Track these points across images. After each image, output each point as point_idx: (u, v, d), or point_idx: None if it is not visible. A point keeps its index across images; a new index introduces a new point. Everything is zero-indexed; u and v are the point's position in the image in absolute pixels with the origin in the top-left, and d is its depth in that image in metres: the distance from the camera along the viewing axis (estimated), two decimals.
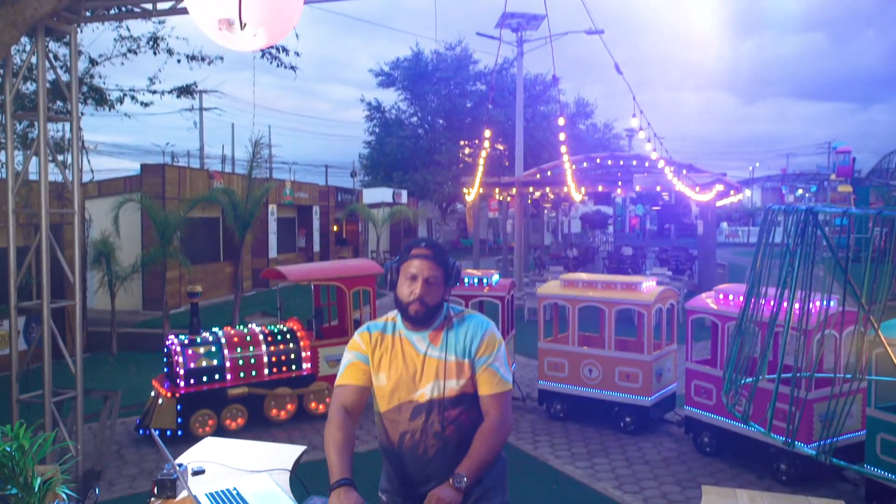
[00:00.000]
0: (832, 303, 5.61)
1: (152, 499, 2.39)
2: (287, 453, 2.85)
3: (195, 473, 2.59)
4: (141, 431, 7.64)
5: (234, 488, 2.42)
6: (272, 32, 2.09)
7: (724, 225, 44.59)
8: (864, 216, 1.12)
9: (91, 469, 5.20)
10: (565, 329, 8.27)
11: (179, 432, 7.53)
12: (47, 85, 5.81)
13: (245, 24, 1.92)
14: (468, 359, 2.33)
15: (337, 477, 2.18)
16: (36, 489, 2.32)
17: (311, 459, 6.95)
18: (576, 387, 8.07)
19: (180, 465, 2.53)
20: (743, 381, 1.48)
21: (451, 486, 2.08)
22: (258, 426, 8.00)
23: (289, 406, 8.17)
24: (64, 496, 2.46)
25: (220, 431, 7.76)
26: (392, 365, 2.36)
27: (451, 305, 2.46)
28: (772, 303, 1.43)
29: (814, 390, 5.92)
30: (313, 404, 8.30)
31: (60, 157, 9.11)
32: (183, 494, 2.34)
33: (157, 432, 2.52)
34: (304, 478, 2.75)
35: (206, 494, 2.36)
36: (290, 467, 2.68)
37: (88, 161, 6.81)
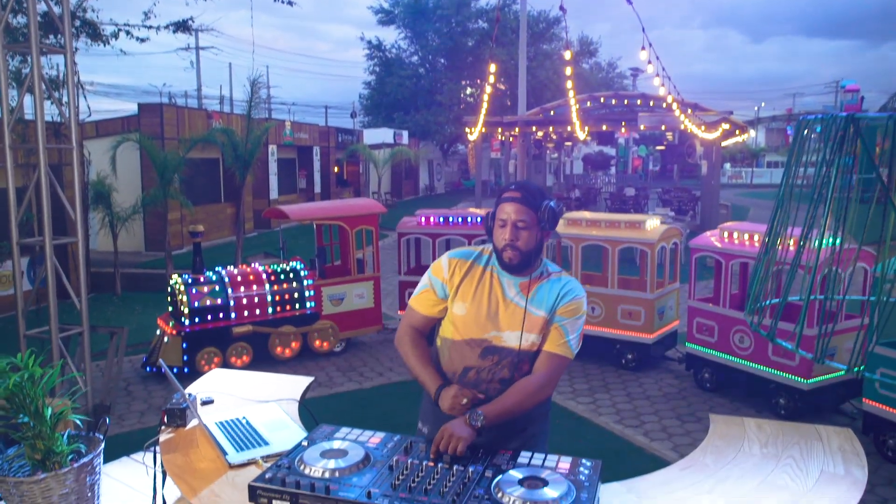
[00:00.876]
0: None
1: (162, 427, 2.40)
2: (295, 384, 2.86)
3: (204, 403, 2.60)
4: (147, 369, 7.73)
5: (244, 417, 2.43)
6: None
7: (728, 166, 44.23)
8: None
9: (100, 403, 5.27)
10: (568, 268, 8.27)
11: (186, 370, 7.62)
12: (38, 18, 5.66)
13: None
14: (551, 315, 2.28)
15: (436, 385, 2.23)
16: (48, 417, 2.33)
17: (317, 395, 7.06)
18: None
19: (189, 395, 2.54)
20: (768, 303, 1.45)
21: (467, 423, 2.05)
22: (263, 364, 8.08)
23: (293, 344, 8.24)
24: (77, 422, 2.48)
25: (226, 369, 7.85)
26: (475, 298, 2.29)
27: (549, 263, 2.37)
28: (801, 230, 1.38)
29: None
30: (317, 342, 8.37)
31: (56, 95, 8.94)
32: (193, 423, 2.36)
33: (163, 362, 2.52)
34: (313, 410, 2.77)
35: (216, 423, 2.37)
36: (298, 397, 2.69)
37: (86, 99, 6.69)
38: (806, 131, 1.29)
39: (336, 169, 26.65)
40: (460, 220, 8.95)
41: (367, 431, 2.17)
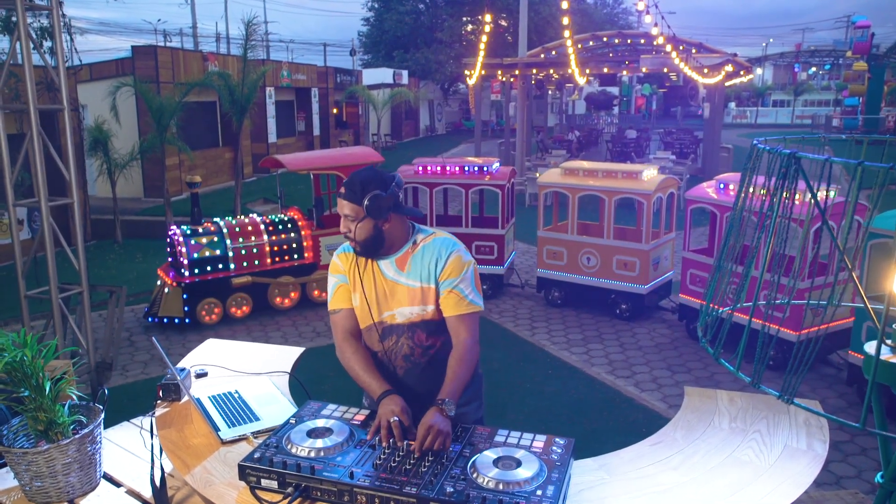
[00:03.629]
0: (832, 193, 5.61)
1: (158, 401, 2.50)
2: (286, 355, 2.95)
3: (198, 376, 2.70)
4: (150, 319, 7.87)
5: (236, 391, 2.53)
6: None
7: (732, 105, 43.62)
8: (846, 164, 1.09)
9: (102, 361, 5.40)
10: (565, 216, 8.31)
11: (187, 320, 7.76)
12: None
13: None
14: (433, 283, 2.33)
15: (379, 391, 2.25)
16: (47, 391, 2.43)
17: (317, 346, 7.22)
18: (574, 275, 8.22)
19: (183, 370, 2.64)
20: (722, 311, 1.51)
21: (443, 413, 2.13)
22: (263, 314, 8.23)
23: (292, 294, 8.37)
24: (74, 397, 2.58)
25: (227, 319, 8.00)
26: (363, 287, 2.39)
27: (421, 227, 2.43)
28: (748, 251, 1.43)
29: (805, 280, 6.03)
30: (316, 292, 8.49)
31: (47, 44, 8.82)
32: (188, 397, 2.46)
33: (155, 340, 2.60)
34: (313, 360, 2.86)
35: (209, 397, 2.47)
36: (289, 369, 2.78)
37: (75, 50, 6.55)
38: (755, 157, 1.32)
39: (335, 111, 26.36)
40: (457, 168, 8.94)
41: (353, 408, 2.27)
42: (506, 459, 1.91)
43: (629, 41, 19.13)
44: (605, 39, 19.43)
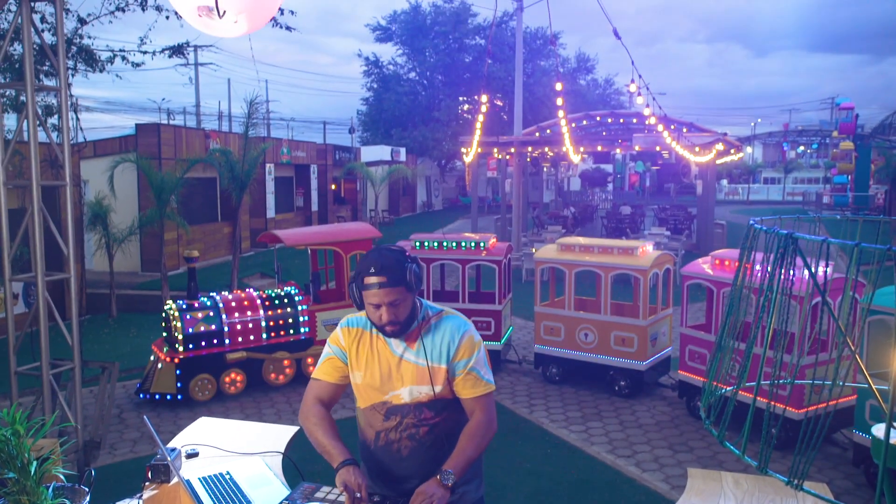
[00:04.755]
0: (828, 269, 5.65)
1: (146, 483, 2.43)
2: (279, 434, 2.88)
3: (189, 456, 2.62)
4: (141, 395, 7.73)
5: (227, 472, 2.46)
6: (253, 19, 2.03)
7: (724, 182, 44.41)
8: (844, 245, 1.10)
9: (91, 440, 5.27)
10: (562, 291, 8.31)
11: (179, 396, 7.63)
12: (35, 46, 5.72)
13: (224, 13, 1.87)
14: (445, 364, 2.29)
15: (340, 459, 2.20)
16: (32, 472, 2.36)
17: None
18: (572, 351, 8.15)
19: (174, 449, 2.57)
20: (725, 391, 1.49)
21: (439, 483, 2.08)
22: (257, 390, 8.10)
23: (287, 370, 8.26)
24: (62, 478, 2.50)
25: (220, 395, 7.86)
26: (368, 364, 2.34)
27: (427, 303, 2.40)
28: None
29: (806, 356, 5.99)
30: (312, 368, 8.39)
31: (52, 120, 9.03)
32: (177, 479, 2.38)
33: (146, 419, 2.54)
34: (298, 459, 2.79)
35: (199, 479, 2.40)
36: (282, 450, 2.71)
37: (80, 129, 6.69)
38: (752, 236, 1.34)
39: (333, 187, 26.74)
40: (454, 245, 9.00)
41: None
42: None
43: (622, 120, 19.64)
44: (598, 118, 19.97)
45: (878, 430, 1.45)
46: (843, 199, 30.41)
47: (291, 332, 8.28)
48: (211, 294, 8.22)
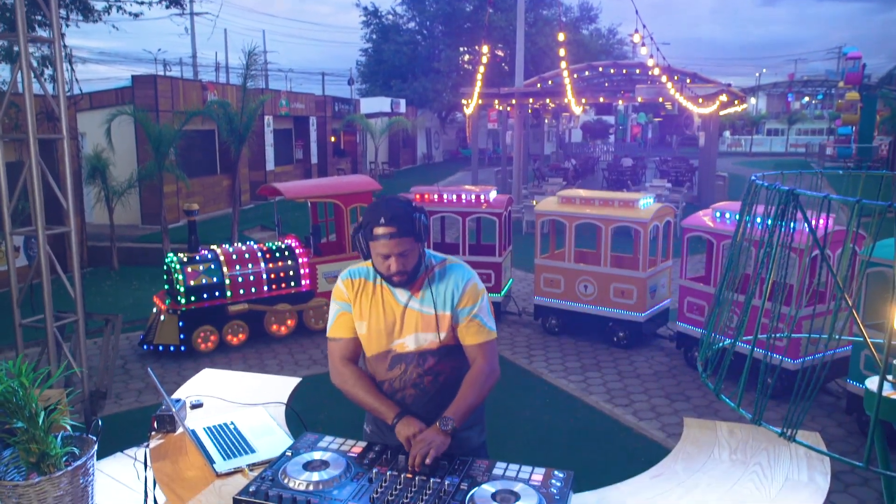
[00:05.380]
0: (829, 222, 5.65)
1: (152, 433, 2.48)
2: (282, 385, 2.92)
3: (194, 407, 2.67)
4: (145, 347, 7.82)
5: (232, 422, 2.50)
6: None
7: (727, 134, 43.98)
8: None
9: (96, 390, 5.35)
10: (562, 244, 8.32)
11: (182, 348, 7.71)
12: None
13: None
14: (450, 311, 2.32)
15: (393, 413, 2.25)
16: (41, 422, 2.40)
17: (313, 373, 7.18)
18: (571, 302, 8.21)
19: (179, 400, 2.61)
20: (722, 344, 1.50)
21: (439, 430, 2.12)
22: (259, 342, 8.18)
23: (289, 322, 8.33)
24: (68, 428, 2.55)
25: (223, 347, 7.95)
26: (372, 313, 2.35)
27: (432, 254, 2.41)
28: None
29: (804, 308, 6.03)
30: (313, 320, 8.46)
31: (48, 72, 8.90)
32: (181, 430, 2.43)
33: (151, 371, 2.58)
34: (310, 388, 2.83)
35: (204, 429, 2.45)
36: (285, 400, 2.76)
37: (76, 80, 6.55)
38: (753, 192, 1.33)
39: (333, 139, 26.52)
40: (455, 197, 8.97)
41: (350, 440, 2.24)
42: (504, 493, 1.89)
43: (624, 71, 19.34)
44: (600, 69, 19.66)
45: (872, 382, 1.47)
46: (846, 151, 30.15)
47: (292, 284, 8.32)
48: (212, 247, 8.24)
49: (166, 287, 8.04)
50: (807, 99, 50.31)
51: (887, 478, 1.56)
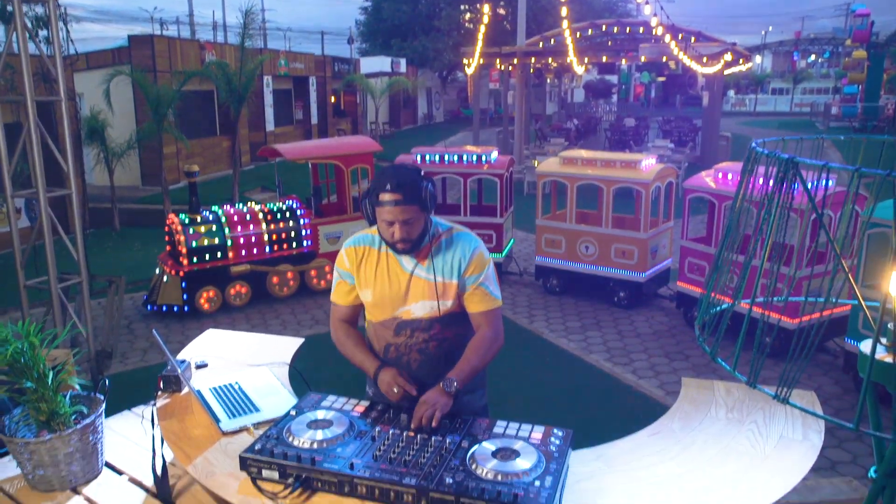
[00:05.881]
0: (831, 182, 5.62)
1: (159, 392, 2.52)
2: (286, 345, 2.96)
3: (199, 367, 2.71)
4: (149, 307, 7.89)
5: (236, 382, 2.54)
6: None
7: (731, 93, 43.47)
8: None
9: (102, 350, 5.41)
10: (564, 204, 8.32)
11: (186, 308, 7.78)
12: None
13: None
14: (456, 279, 2.33)
15: (374, 366, 2.33)
16: (49, 382, 2.45)
17: (314, 333, 7.25)
18: (572, 263, 8.24)
19: (184, 361, 2.65)
20: (720, 308, 1.52)
21: (442, 391, 2.16)
22: (262, 302, 8.24)
23: (291, 282, 8.38)
24: (77, 387, 2.60)
25: (226, 307, 8.01)
26: (378, 281, 2.37)
27: (437, 220, 2.41)
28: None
29: (805, 269, 6.06)
30: (315, 280, 8.51)
31: (43, 33, 8.77)
32: (186, 390, 2.47)
33: (156, 332, 2.61)
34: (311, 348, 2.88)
35: (209, 389, 2.49)
36: (288, 360, 2.80)
37: (71, 41, 6.40)
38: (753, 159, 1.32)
39: (333, 99, 26.27)
40: (456, 158, 8.94)
41: (353, 400, 2.28)
42: (504, 451, 1.93)
43: (628, 30, 19.06)
44: (603, 28, 19.38)
45: (866, 346, 1.49)
46: (851, 110, 29.84)
47: (294, 244, 8.35)
48: (213, 208, 8.24)
49: (169, 248, 8.07)
50: (813, 57, 49.64)
51: (877, 437, 1.60)
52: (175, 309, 7.78)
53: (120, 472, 2.60)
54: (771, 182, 1.24)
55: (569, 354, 6.81)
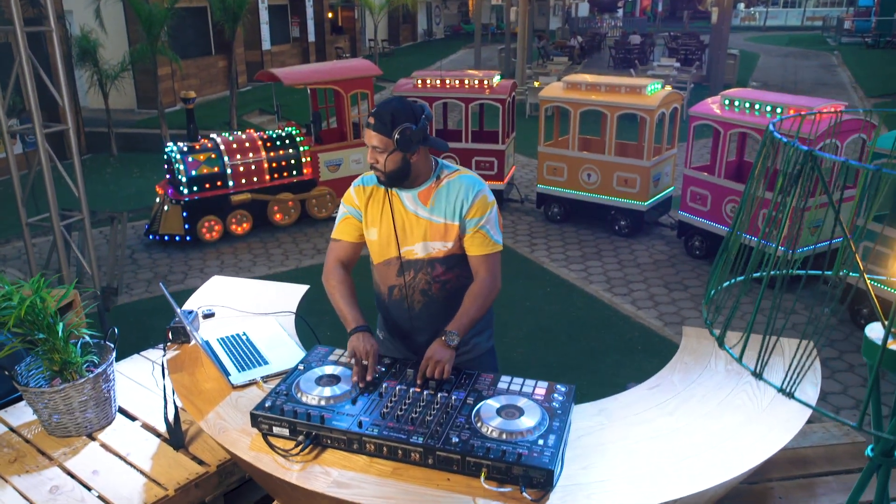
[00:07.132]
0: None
1: (168, 344, 2.56)
2: (291, 294, 2.98)
3: (206, 316, 2.74)
4: (150, 237, 7.90)
5: (244, 333, 2.58)
6: None
7: (741, 6, 42.05)
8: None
9: (108, 286, 5.46)
10: (566, 129, 8.20)
11: (188, 237, 7.80)
12: None
13: None
14: (458, 220, 2.34)
15: (353, 325, 2.32)
16: (60, 332, 2.49)
17: (317, 262, 7.33)
18: (574, 191, 8.20)
19: (191, 312, 2.68)
20: (725, 284, 1.52)
21: (445, 345, 2.20)
22: (264, 231, 8.26)
23: (292, 211, 8.37)
24: (86, 337, 2.64)
25: (227, 236, 8.03)
26: (382, 220, 2.39)
27: (445, 163, 2.41)
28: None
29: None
30: (316, 209, 8.49)
31: None
32: (194, 342, 2.51)
33: (163, 285, 2.62)
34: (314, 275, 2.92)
35: (217, 340, 2.53)
36: (293, 309, 2.83)
37: None
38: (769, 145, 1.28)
39: (330, 15, 25.41)
40: (457, 82, 8.75)
41: None
42: (509, 408, 1.98)
43: None
44: None
45: (871, 330, 1.51)
46: (865, 25, 28.90)
47: (294, 172, 8.29)
48: (212, 136, 8.13)
49: (168, 176, 8.02)
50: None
51: (876, 416, 1.64)
52: (177, 238, 7.81)
53: (133, 419, 2.67)
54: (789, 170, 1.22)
55: (569, 284, 6.88)
